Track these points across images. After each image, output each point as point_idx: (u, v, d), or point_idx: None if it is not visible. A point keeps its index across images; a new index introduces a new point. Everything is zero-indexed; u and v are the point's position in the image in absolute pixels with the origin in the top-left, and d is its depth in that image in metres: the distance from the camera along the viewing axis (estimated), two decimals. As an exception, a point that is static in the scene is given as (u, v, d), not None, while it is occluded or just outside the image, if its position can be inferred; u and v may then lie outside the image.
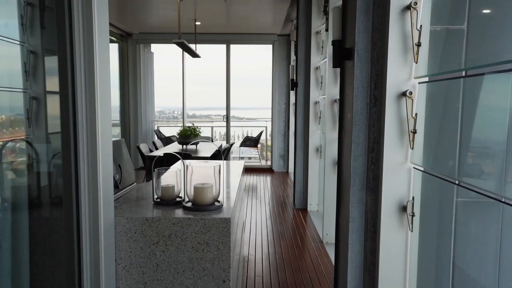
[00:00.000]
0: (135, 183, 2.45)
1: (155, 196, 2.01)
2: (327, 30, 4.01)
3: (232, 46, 8.60)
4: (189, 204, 1.91)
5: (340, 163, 2.62)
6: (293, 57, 7.89)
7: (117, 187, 2.19)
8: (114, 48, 8.31)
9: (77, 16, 1.48)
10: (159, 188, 2.02)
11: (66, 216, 1.57)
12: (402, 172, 2.18)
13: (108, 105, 1.65)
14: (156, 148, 6.68)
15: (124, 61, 8.48)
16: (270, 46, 8.60)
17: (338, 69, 4.07)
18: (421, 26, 2.05)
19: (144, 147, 6.10)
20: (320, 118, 5.15)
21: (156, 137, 8.96)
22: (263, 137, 9.99)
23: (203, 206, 1.89)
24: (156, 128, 9.65)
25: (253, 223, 4.90)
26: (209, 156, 5.47)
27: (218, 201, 1.97)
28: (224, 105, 8.82)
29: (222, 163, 3.34)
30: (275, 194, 6.59)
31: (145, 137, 8.96)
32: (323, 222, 4.23)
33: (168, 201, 1.98)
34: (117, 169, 2.18)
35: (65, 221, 1.58)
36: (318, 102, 5.21)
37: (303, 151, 5.60)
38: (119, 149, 2.26)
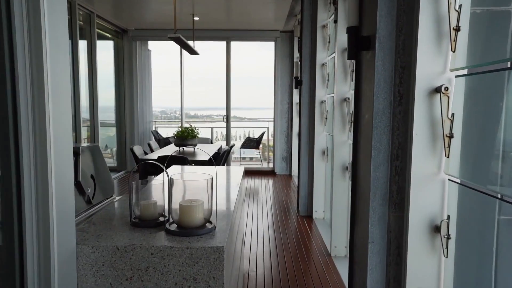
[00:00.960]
0: (113, 196, 2.08)
1: (133, 216, 1.64)
2: (336, 21, 3.63)
3: (232, 43, 8.23)
4: (174, 227, 1.54)
5: (356, 172, 2.24)
6: (296, 54, 7.52)
7: (89, 202, 1.82)
8: (109, 46, 7.94)
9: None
10: (138, 205, 1.65)
11: (6, 247, 1.20)
12: (434, 184, 1.80)
13: (66, 107, 1.27)
14: (152, 151, 6.31)
15: (120, 59, 8.11)
16: (272, 43, 8.22)
17: (348, 65, 3.70)
18: (460, 6, 1.67)
19: (138, 150, 5.73)
20: (326, 118, 4.77)
21: (153, 139, 8.59)
22: (264, 137, 9.62)
23: (190, 229, 1.51)
24: (153, 128, 9.28)
25: (254, 232, 4.52)
26: (206, 160, 5.10)
27: (210, 222, 1.59)
28: (224, 105, 8.45)
29: (215, 170, 2.96)
30: (277, 199, 6.21)
31: (142, 138, 8.60)
32: (331, 233, 3.84)
33: (149, 221, 1.61)
34: (90, 181, 1.81)
35: (6, 254, 1.20)
36: (325, 101, 4.83)
37: (308, 154, 5.23)
38: (93, 157, 1.88)
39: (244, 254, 3.82)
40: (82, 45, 6.33)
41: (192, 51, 6.44)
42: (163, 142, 8.21)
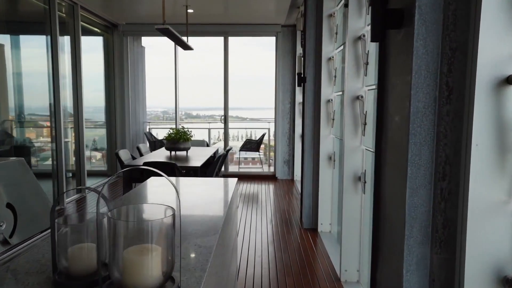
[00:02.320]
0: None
1: (58, 269, 1.09)
2: (346, 5, 3.09)
3: (230, 39, 7.68)
4: (113, 292, 0.99)
5: (380, 195, 1.68)
6: (299, 50, 6.97)
7: (7, 243, 1.27)
8: (98, 41, 7.41)
9: None
10: (66, 252, 1.10)
11: None
12: (502, 217, 1.25)
13: None
14: (141, 155, 5.77)
15: (110, 55, 7.57)
16: (273, 38, 7.67)
17: (361, 57, 3.14)
18: (549, -47, 1.12)
19: (124, 154, 5.19)
20: (333, 119, 4.22)
21: (147, 141, 8.05)
22: (266, 137, 9.07)
23: (138, 296, 0.97)
24: (147, 130, 8.74)
25: (251, 250, 3.97)
26: (199, 166, 4.55)
27: (173, 280, 1.05)
28: (222, 105, 7.91)
29: (203, 184, 2.42)
30: (278, 208, 5.65)
31: (135, 140, 8.06)
32: (340, 254, 3.29)
33: (79, 279, 1.07)
34: (5, 212, 1.27)
35: None
36: (331, 100, 4.28)
37: (312, 159, 4.67)
38: (14, 177, 1.34)
39: (239, 283, 3.28)
40: (66, 41, 5.80)
41: (186, 46, 5.91)
42: (159, 144, 7.67)
